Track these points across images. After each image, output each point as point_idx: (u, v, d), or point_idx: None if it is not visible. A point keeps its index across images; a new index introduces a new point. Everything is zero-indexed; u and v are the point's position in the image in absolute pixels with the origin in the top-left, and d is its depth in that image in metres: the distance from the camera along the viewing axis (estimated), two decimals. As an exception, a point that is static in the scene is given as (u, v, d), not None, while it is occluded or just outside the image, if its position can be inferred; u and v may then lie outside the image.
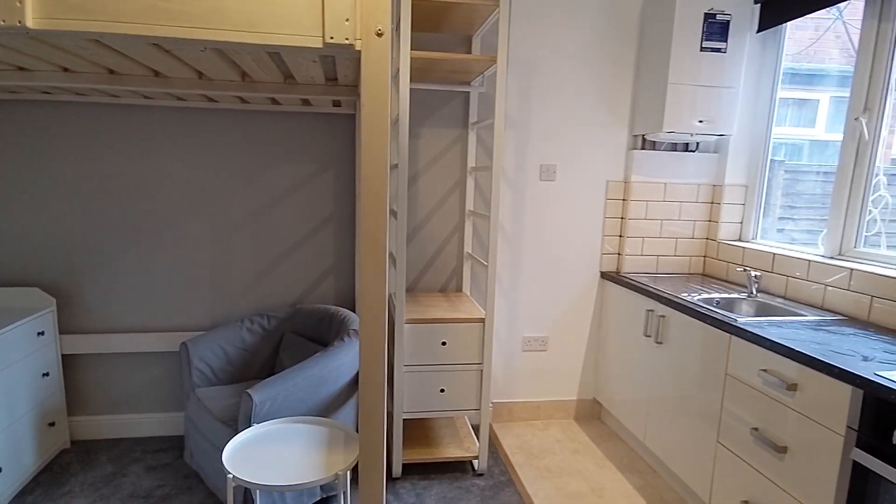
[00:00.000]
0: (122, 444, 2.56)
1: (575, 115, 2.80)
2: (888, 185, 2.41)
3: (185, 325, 2.62)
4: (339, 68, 1.60)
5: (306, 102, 2.42)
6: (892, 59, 2.23)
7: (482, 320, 2.31)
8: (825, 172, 2.97)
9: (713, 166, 2.91)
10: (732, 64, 2.62)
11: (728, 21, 2.60)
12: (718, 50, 2.61)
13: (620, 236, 2.94)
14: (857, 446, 1.44)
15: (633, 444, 2.72)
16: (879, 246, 2.33)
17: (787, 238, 2.83)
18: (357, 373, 2.18)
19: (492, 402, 2.93)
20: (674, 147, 2.90)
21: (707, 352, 2.08)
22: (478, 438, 2.56)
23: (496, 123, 2.22)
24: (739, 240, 2.87)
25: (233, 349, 2.37)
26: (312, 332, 2.46)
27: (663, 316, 2.37)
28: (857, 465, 1.45)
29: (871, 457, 1.40)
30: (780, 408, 1.72)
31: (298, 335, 2.46)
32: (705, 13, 2.58)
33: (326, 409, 2.01)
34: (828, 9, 2.55)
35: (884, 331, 1.90)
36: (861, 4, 2.30)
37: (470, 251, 2.80)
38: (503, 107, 2.22)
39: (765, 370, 1.78)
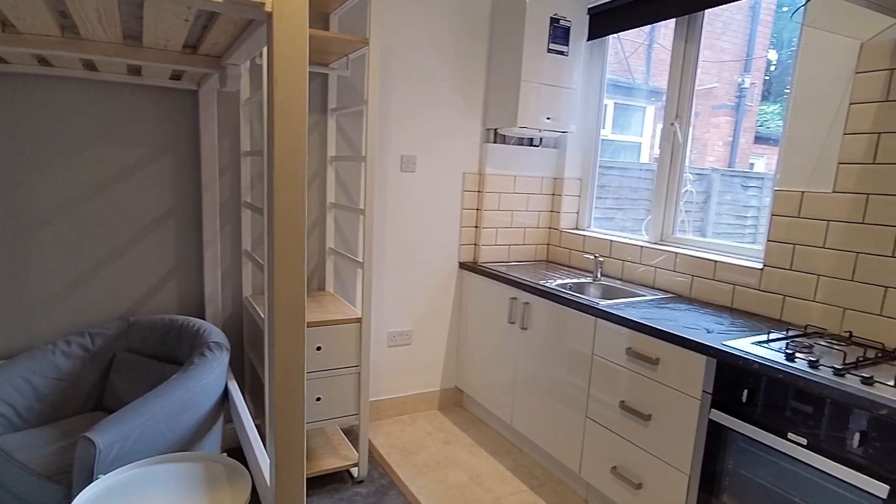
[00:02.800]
0: None
1: (433, 107, 2.79)
2: (693, 181, 2.87)
3: (-42, 354, 1.99)
4: (210, 34, 1.33)
5: (134, 71, 1.99)
6: (696, 74, 2.63)
7: (358, 320, 2.17)
8: (646, 170, 3.42)
9: (553, 161, 3.15)
10: (572, 66, 2.85)
11: (569, 27, 2.81)
12: (562, 53, 2.81)
13: (476, 227, 3.02)
14: (713, 407, 1.69)
15: (498, 428, 2.84)
16: (687, 232, 2.77)
17: (616, 226, 3.20)
18: (224, 392, 1.89)
19: (357, 403, 2.80)
20: (520, 141, 3.07)
21: (573, 334, 2.24)
22: (353, 444, 2.43)
23: (369, 111, 2.09)
24: (576, 228, 3.17)
25: (44, 381, 1.87)
26: (155, 348, 2.06)
27: (527, 303, 2.50)
28: (712, 423, 1.69)
29: (725, 414, 1.65)
30: (644, 381, 1.93)
31: (135, 354, 2.04)
32: (551, 17, 2.75)
33: (191, 441, 1.70)
34: (642, 28, 2.93)
35: (705, 305, 2.26)
36: (672, 27, 2.67)
37: (333, 246, 2.62)
38: (376, 93, 2.10)
39: (629, 348, 1.98)
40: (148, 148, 2.18)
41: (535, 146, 3.11)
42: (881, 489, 1.29)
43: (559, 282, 2.60)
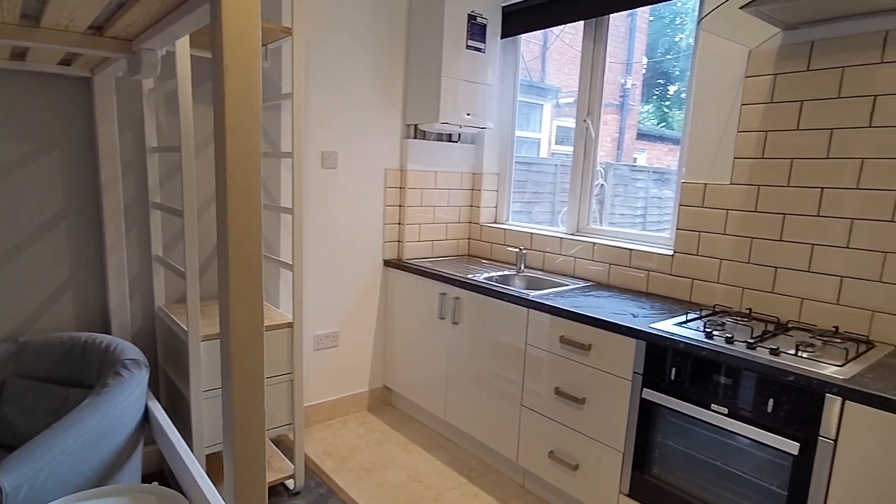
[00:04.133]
0: None
1: (353, 102, 2.71)
2: (603, 175, 3.05)
3: None
4: (128, 13, 1.17)
5: (17, 56, 1.73)
6: (604, 74, 2.79)
7: (289, 325, 2.07)
8: (561, 165, 3.57)
9: (472, 156, 3.20)
10: (489, 63, 2.90)
11: (485, 24, 2.86)
12: (479, 49, 2.85)
13: (400, 224, 2.99)
14: (644, 386, 1.81)
15: (431, 423, 2.84)
16: (601, 223, 2.95)
17: (532, 219, 3.32)
18: (144, 416, 1.71)
19: (282, 411, 2.67)
20: (440, 137, 3.08)
21: (506, 326, 2.30)
22: (285, 455, 2.31)
23: (295, 105, 1.99)
24: (495, 222, 3.24)
25: (-87, 419, 1.58)
26: (54, 371, 1.82)
27: (458, 298, 2.52)
28: (644, 402, 1.82)
29: (655, 392, 1.77)
30: (578, 366, 2.02)
31: (30, 379, 1.79)
32: (468, 14, 2.78)
33: (109, 472, 1.52)
34: (551, 29, 3.05)
35: (624, 291, 2.41)
36: (581, 28, 2.81)
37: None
38: (302, 86, 1.99)
39: (562, 336, 2.06)
40: (31, 143, 1.91)
41: (454, 142, 3.13)
42: (793, 446, 1.46)
43: (486, 275, 2.65)
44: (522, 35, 3.04)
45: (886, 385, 1.37)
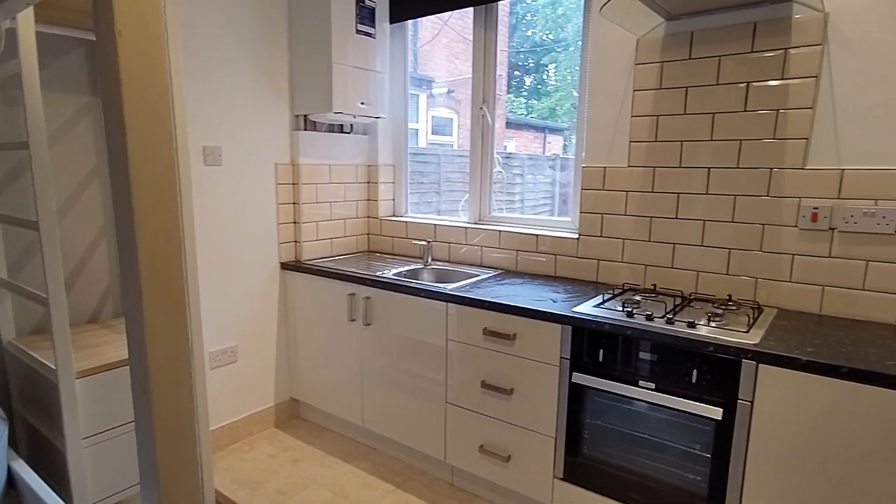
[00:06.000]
0: None
1: (235, 91, 2.43)
2: (502, 163, 3.07)
3: None
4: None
5: None
6: (496, 60, 2.79)
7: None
8: (444, 154, 3.53)
9: (366, 148, 3.05)
10: (380, 50, 2.77)
11: (374, 8, 2.72)
12: (370, 35, 2.71)
13: (295, 223, 2.77)
14: (573, 370, 1.83)
15: (348, 432, 2.68)
16: (503, 210, 2.97)
17: (432, 210, 3.26)
18: (8, 481, 1.38)
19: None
20: (331, 128, 2.90)
21: (425, 322, 2.21)
22: (186, 493, 2.03)
23: (174, 92, 1.71)
24: (394, 215, 3.14)
25: None
26: None
27: (368, 297, 2.39)
28: (573, 385, 1.84)
29: (585, 375, 1.80)
30: (504, 357, 2.00)
31: None
32: (356, -4, 2.62)
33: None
34: (440, 15, 2.99)
35: (534, 277, 2.44)
36: (471, 14, 2.79)
37: (126, 261, 2.11)
38: (181, 71, 1.72)
39: (486, 328, 2.03)
40: None
41: (346, 133, 2.96)
42: (716, 412, 1.56)
43: (394, 271, 2.54)
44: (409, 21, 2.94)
45: (788, 346, 1.50)
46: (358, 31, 2.63)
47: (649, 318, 1.72)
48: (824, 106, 1.82)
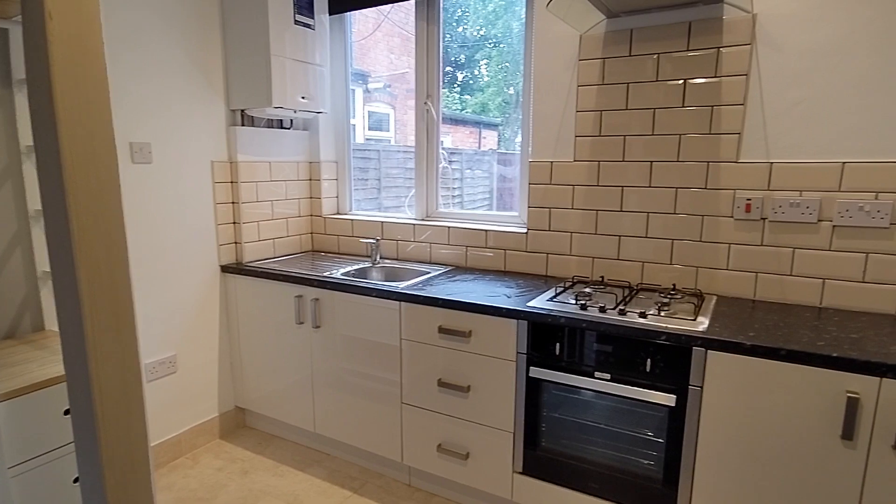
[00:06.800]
0: None
1: (165, 83, 2.28)
2: (447, 158, 3.05)
3: None
4: None
5: None
6: (440, 54, 2.76)
7: (120, 361, 1.66)
8: (384, 150, 3.48)
9: (307, 144, 2.95)
10: (320, 42, 2.68)
11: (312, -2, 2.62)
12: (309, 26, 2.61)
13: (235, 223, 2.64)
14: (531, 365, 1.84)
15: (299, 438, 2.59)
16: (450, 206, 2.96)
17: (374, 207, 3.19)
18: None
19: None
20: (270, 124, 2.78)
21: (378, 322, 2.17)
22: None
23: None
24: (338, 213, 3.06)
25: None
26: None
27: (317, 299, 2.31)
28: (531, 380, 1.86)
29: (542, 369, 1.82)
30: (460, 354, 1.99)
31: None
32: (293, -15, 2.51)
33: None
34: (380, 8, 2.93)
35: (485, 272, 2.45)
36: (406, 8, 2.74)
37: (48, 269, 1.93)
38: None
39: (441, 326, 2.01)
40: None
41: (286, 129, 2.85)
42: (670, 399, 1.61)
43: (342, 271, 2.47)
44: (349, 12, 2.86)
45: (733, 331, 1.58)
46: (296, 22, 2.53)
47: (602, 310, 1.76)
48: (754, 102, 1.92)
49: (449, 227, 2.60)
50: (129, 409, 0.81)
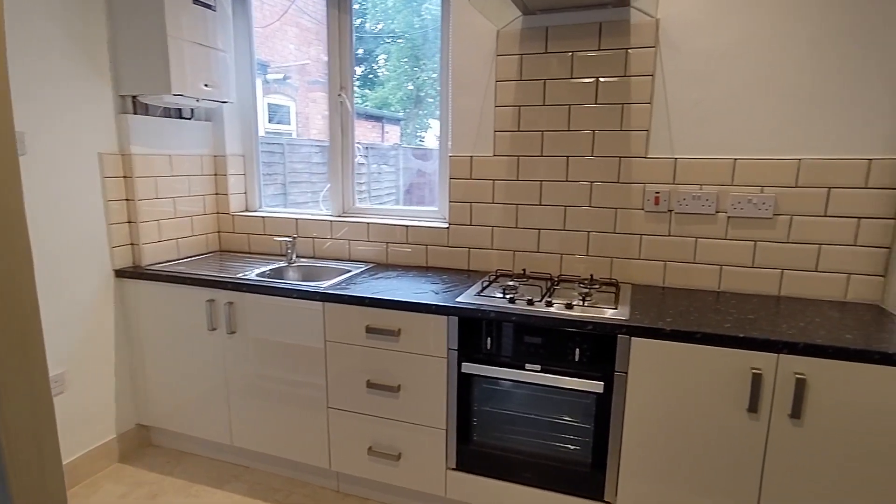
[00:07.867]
0: None
1: (38, 65, 2.00)
2: (363, 153, 2.97)
3: None
4: None
5: None
6: (353, 45, 2.68)
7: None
8: (288, 144, 3.32)
9: (211, 136, 2.74)
10: (222, 25, 2.49)
11: (213, -24, 2.42)
12: (209, 6, 2.41)
13: (131, 222, 2.39)
14: (462, 360, 1.84)
15: (213, 453, 2.41)
16: (367, 201, 2.88)
17: (284, 203, 3.03)
18: None
19: None
20: (168, 113, 2.54)
21: (300, 325, 2.06)
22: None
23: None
24: (247, 210, 2.88)
25: None
26: None
27: (231, 303, 2.16)
28: (462, 375, 1.85)
29: (474, 364, 1.82)
30: (389, 354, 1.94)
31: None
32: (190, -39, 2.31)
33: None
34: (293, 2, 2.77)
35: (407, 269, 2.41)
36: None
37: None
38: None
39: (368, 325, 1.95)
40: None
41: (186, 119, 2.62)
42: (598, 386, 1.68)
43: (256, 271, 2.33)
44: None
45: (652, 318, 1.68)
46: (196, 2, 2.32)
47: (530, 302, 1.79)
48: (659, 101, 2.05)
49: (368, 224, 2.53)
50: (39, 435, 0.69)
